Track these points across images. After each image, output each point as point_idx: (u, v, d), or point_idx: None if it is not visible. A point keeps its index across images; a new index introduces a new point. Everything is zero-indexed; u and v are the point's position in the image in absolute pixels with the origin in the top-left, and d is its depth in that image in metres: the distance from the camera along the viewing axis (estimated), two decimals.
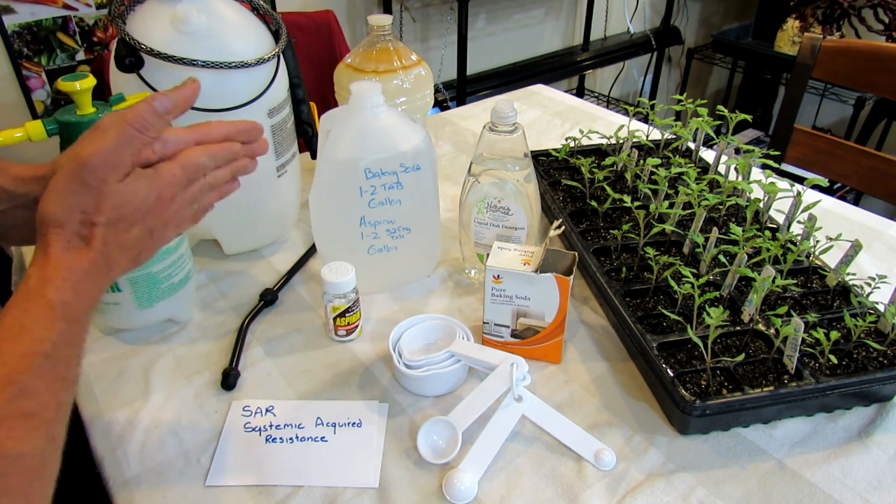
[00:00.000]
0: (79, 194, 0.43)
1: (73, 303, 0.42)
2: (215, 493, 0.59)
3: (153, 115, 0.46)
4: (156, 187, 0.46)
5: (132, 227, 0.46)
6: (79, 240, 0.43)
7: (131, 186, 0.45)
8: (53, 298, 0.41)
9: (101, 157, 0.43)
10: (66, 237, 0.43)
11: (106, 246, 0.44)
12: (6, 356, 0.39)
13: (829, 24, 2.31)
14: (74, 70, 1.63)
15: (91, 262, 0.44)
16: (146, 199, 0.46)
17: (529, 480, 0.60)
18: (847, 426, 0.65)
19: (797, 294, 0.74)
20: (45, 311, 0.41)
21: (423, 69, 0.99)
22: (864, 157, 1.32)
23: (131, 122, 0.45)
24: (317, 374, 0.72)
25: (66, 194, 0.43)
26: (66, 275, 0.42)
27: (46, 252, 0.43)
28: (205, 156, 0.50)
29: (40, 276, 0.42)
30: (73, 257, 0.43)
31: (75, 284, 0.43)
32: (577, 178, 0.93)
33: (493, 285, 0.68)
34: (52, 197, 0.43)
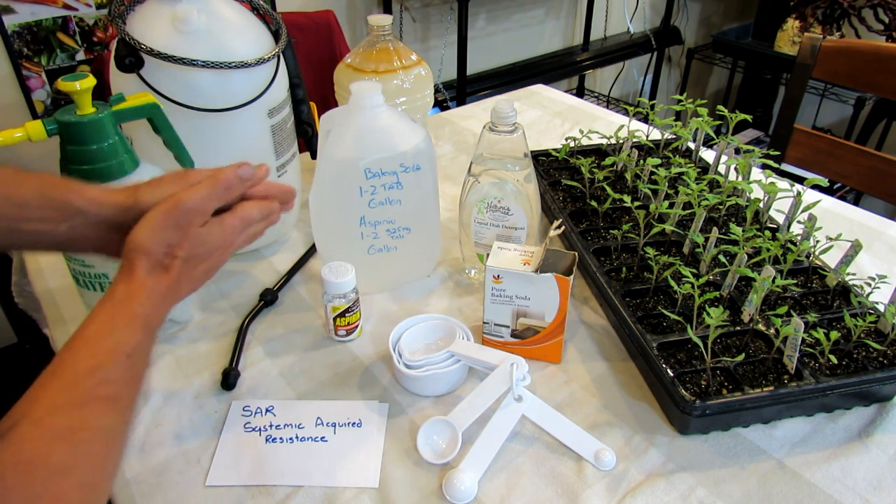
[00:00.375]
0: (168, 230, 0.52)
1: (151, 317, 0.50)
2: (215, 493, 0.59)
3: (238, 180, 0.56)
4: (222, 234, 0.56)
5: (200, 264, 0.55)
6: (161, 268, 0.52)
7: (207, 231, 0.54)
8: (137, 311, 0.49)
9: (193, 205, 0.53)
10: (151, 263, 0.51)
11: (179, 276, 0.53)
12: (97, 350, 0.46)
13: (829, 24, 2.31)
14: (74, 70, 1.63)
15: (167, 287, 0.52)
16: (215, 243, 0.55)
17: (529, 480, 0.60)
18: (847, 426, 0.65)
19: (797, 294, 0.74)
20: (130, 320, 0.49)
21: (423, 69, 0.99)
22: (864, 157, 1.32)
23: (221, 181, 0.55)
24: (317, 374, 0.72)
25: (159, 229, 0.52)
26: (149, 294, 0.51)
27: (132, 273, 0.51)
28: (256, 210, 0.59)
29: (127, 290, 0.50)
30: (155, 281, 0.51)
31: (155, 303, 0.51)
32: (577, 178, 0.93)
33: (493, 285, 0.69)
34: (146, 229, 0.51)
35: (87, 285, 0.73)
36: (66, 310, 0.81)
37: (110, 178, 0.68)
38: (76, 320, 0.79)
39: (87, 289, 0.74)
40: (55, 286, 0.85)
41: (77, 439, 0.43)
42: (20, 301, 0.94)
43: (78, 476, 0.42)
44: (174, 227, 0.52)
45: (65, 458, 0.41)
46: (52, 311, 0.82)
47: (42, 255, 0.91)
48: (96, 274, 0.72)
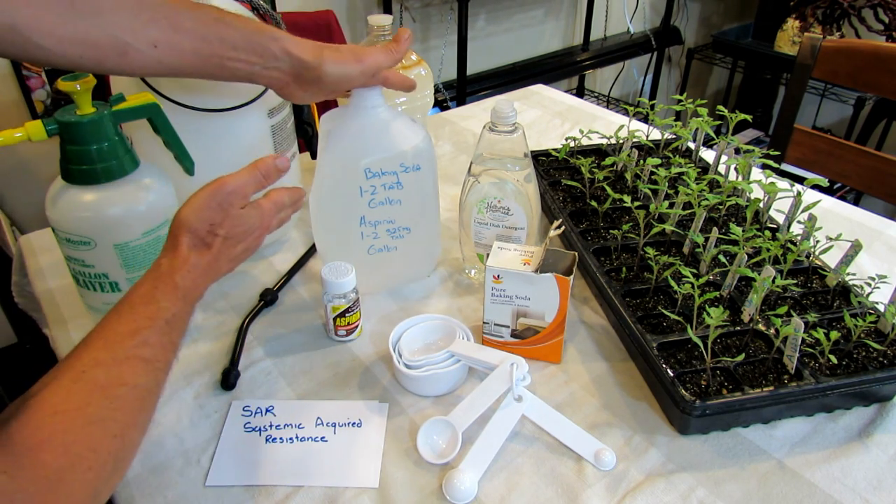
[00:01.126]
0: (211, 210, 0.56)
1: (190, 289, 0.55)
2: (215, 493, 0.59)
3: (274, 169, 0.61)
4: (259, 216, 0.61)
5: (238, 243, 0.60)
6: (203, 244, 0.56)
7: (246, 213, 0.59)
8: (179, 283, 0.54)
9: (235, 188, 0.58)
10: (194, 240, 0.56)
11: (219, 253, 0.57)
12: (138, 315, 0.51)
13: (829, 24, 2.31)
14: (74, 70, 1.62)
15: (208, 263, 0.56)
16: (253, 225, 0.60)
17: (529, 480, 0.60)
18: (847, 426, 0.65)
19: (797, 294, 0.74)
20: (172, 290, 0.53)
21: (423, 69, 0.99)
22: (864, 157, 1.32)
23: (260, 168, 0.60)
24: (317, 374, 0.72)
25: (203, 209, 0.56)
26: (191, 268, 0.55)
27: (177, 248, 0.55)
28: (286, 196, 0.64)
29: (171, 263, 0.54)
30: (197, 256, 0.56)
31: (195, 278, 0.55)
32: (577, 178, 0.93)
33: (493, 285, 0.69)
34: (192, 208, 0.56)
35: (87, 285, 0.73)
36: (66, 310, 0.81)
37: (110, 178, 0.68)
38: (76, 320, 0.79)
39: (87, 289, 0.74)
40: (55, 286, 0.86)
41: (114, 394, 0.46)
42: (20, 301, 0.94)
43: (111, 427, 0.45)
44: (217, 207, 0.56)
45: (100, 410, 0.45)
46: (52, 311, 0.82)
47: (42, 256, 0.91)
48: (96, 274, 0.72)
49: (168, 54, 0.60)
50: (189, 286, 0.54)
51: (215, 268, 0.58)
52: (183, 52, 0.60)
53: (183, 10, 0.60)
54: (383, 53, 0.69)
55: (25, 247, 0.94)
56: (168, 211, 0.73)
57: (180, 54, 0.60)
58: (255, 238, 0.62)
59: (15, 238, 1.56)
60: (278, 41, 0.64)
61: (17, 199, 1.69)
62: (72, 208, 0.68)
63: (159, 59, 0.59)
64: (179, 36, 0.60)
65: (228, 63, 0.62)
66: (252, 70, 0.64)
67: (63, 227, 0.69)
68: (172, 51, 0.60)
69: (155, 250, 0.72)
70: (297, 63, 0.65)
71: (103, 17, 0.56)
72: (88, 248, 0.69)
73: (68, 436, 0.42)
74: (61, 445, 0.42)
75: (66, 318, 0.80)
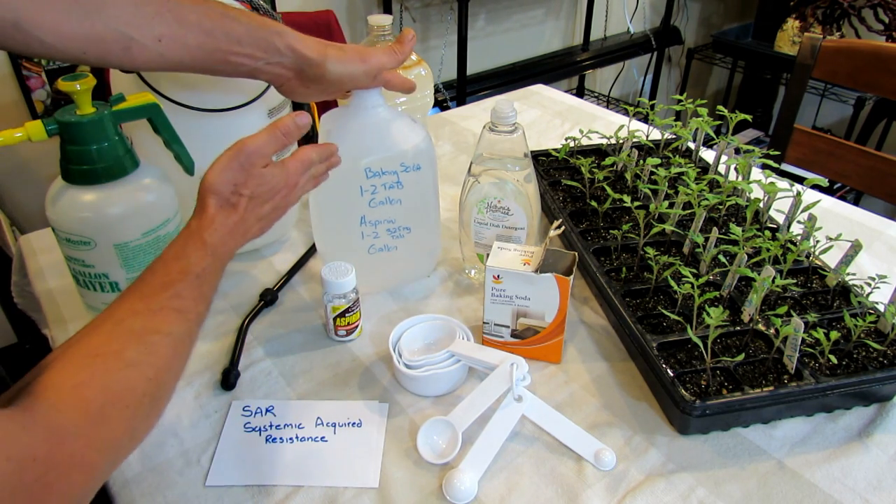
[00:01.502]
0: (233, 171, 0.57)
1: (219, 246, 0.56)
2: (215, 493, 0.59)
3: (294, 126, 0.60)
4: (284, 175, 0.61)
5: (266, 202, 0.60)
6: (229, 205, 0.58)
7: (269, 172, 0.59)
8: (207, 239, 0.55)
9: (255, 148, 0.58)
10: (219, 201, 0.57)
11: (246, 213, 0.59)
12: (170, 269, 0.53)
13: (829, 24, 2.31)
14: (74, 70, 1.62)
15: (235, 222, 0.58)
16: (278, 183, 0.60)
17: (529, 480, 0.60)
18: (847, 426, 0.65)
19: (797, 294, 0.74)
20: (201, 246, 0.55)
21: (423, 69, 0.99)
22: (864, 157, 1.32)
23: (280, 126, 0.59)
24: (317, 374, 0.72)
25: (226, 170, 0.57)
26: (218, 227, 0.56)
27: (204, 209, 0.57)
28: (314, 153, 0.64)
29: (199, 223, 0.56)
30: (224, 216, 0.57)
31: (222, 235, 0.57)
32: (577, 178, 0.93)
33: (493, 285, 0.68)
34: (215, 171, 0.57)
35: (87, 285, 0.73)
36: (66, 310, 0.81)
37: (110, 178, 0.68)
38: (76, 320, 0.79)
39: (87, 289, 0.74)
40: (55, 286, 0.86)
41: (149, 340, 0.49)
42: (20, 301, 0.95)
43: (146, 371, 0.48)
44: (238, 168, 0.57)
45: (136, 354, 0.47)
46: (52, 311, 0.82)
47: (42, 256, 0.91)
48: (96, 274, 0.72)
49: (172, 48, 0.59)
50: (217, 242, 0.56)
51: (243, 227, 0.59)
52: (187, 47, 0.60)
53: (187, 4, 0.60)
54: (387, 54, 0.69)
55: (25, 247, 0.94)
56: (168, 211, 0.73)
57: (184, 49, 0.60)
58: (282, 197, 0.62)
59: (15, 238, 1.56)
60: (283, 37, 0.64)
61: (17, 199, 1.69)
62: (72, 208, 0.68)
63: (163, 53, 0.59)
64: (184, 30, 0.60)
65: (232, 58, 0.62)
66: (255, 65, 0.64)
67: (63, 227, 0.69)
68: (176, 45, 0.60)
69: (155, 250, 0.72)
70: (300, 59, 0.65)
71: (107, 11, 0.56)
72: (88, 248, 0.69)
73: (108, 376, 0.45)
74: (101, 384, 0.45)
75: (66, 318, 0.80)
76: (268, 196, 0.60)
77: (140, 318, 0.50)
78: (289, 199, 0.63)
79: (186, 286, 0.53)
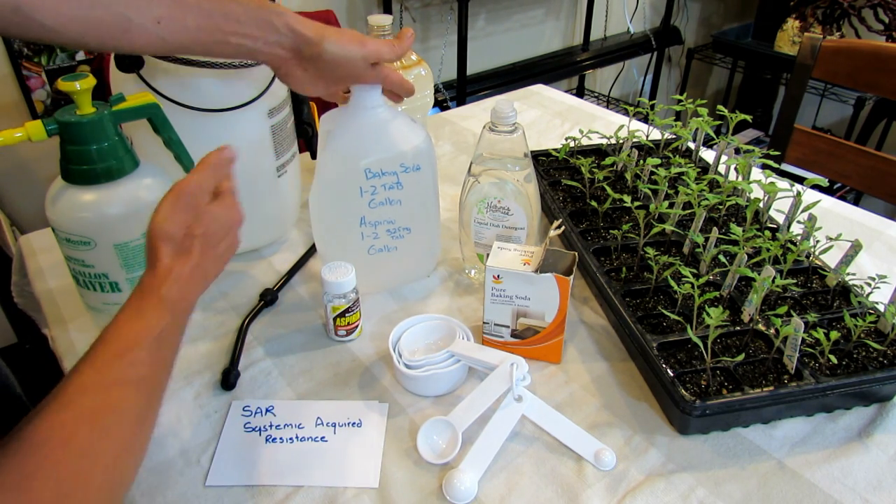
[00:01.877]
0: (182, 212, 0.54)
1: (178, 301, 0.52)
2: (215, 493, 0.59)
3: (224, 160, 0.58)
4: (230, 210, 0.58)
5: (220, 241, 0.57)
6: (182, 250, 0.53)
7: (217, 209, 0.57)
8: (165, 295, 0.51)
9: (195, 185, 0.55)
10: (173, 248, 0.53)
11: (203, 256, 0.54)
12: (125, 334, 0.48)
13: (829, 24, 2.31)
14: (74, 70, 1.63)
15: (192, 268, 0.53)
16: (228, 219, 0.58)
17: (529, 480, 0.60)
18: (847, 426, 0.65)
19: (797, 294, 0.74)
20: (158, 304, 0.50)
21: (423, 69, 0.99)
22: (864, 157, 1.32)
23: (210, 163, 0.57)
24: (317, 374, 0.72)
25: (174, 213, 0.53)
26: (175, 278, 0.52)
27: (157, 260, 0.52)
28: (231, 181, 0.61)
29: (153, 278, 0.52)
30: (181, 264, 0.53)
31: (182, 286, 0.52)
32: (577, 178, 0.93)
33: (493, 285, 0.68)
34: (163, 215, 0.53)
35: (87, 285, 0.73)
36: (66, 310, 0.81)
37: (110, 178, 0.68)
38: (76, 320, 0.79)
39: (87, 289, 0.74)
40: (55, 286, 0.86)
41: (103, 422, 0.44)
42: (20, 301, 0.94)
43: (103, 458, 0.43)
44: (185, 208, 0.54)
45: (90, 440, 0.43)
46: (52, 311, 0.82)
47: (42, 256, 0.91)
48: (96, 274, 0.72)
49: (172, 31, 0.59)
50: (175, 297, 0.51)
51: (202, 272, 0.55)
52: (186, 28, 0.60)
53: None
54: (386, 45, 0.69)
55: (25, 247, 0.94)
56: None
57: (184, 30, 0.60)
58: (233, 234, 0.59)
59: (15, 238, 1.56)
60: (282, 16, 0.64)
61: (17, 199, 1.69)
62: (72, 208, 0.68)
63: (163, 36, 0.59)
64: (183, 12, 0.59)
65: (232, 38, 0.62)
66: (255, 46, 0.64)
67: (63, 227, 0.69)
68: (176, 27, 0.59)
69: None
70: (298, 39, 0.65)
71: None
72: (88, 248, 0.69)
73: (59, 469, 0.41)
74: (52, 478, 0.40)
75: (66, 318, 0.80)
76: (221, 233, 0.57)
77: (91, 396, 0.44)
78: (238, 236, 0.60)
79: (143, 352, 0.48)
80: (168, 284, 0.51)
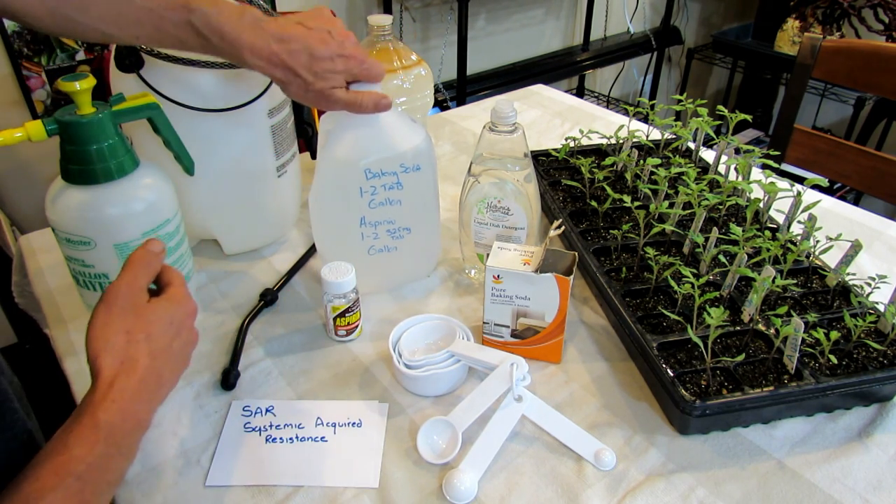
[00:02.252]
0: (119, 316, 0.49)
1: (118, 425, 0.45)
2: (215, 493, 0.59)
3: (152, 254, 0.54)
4: (175, 303, 0.53)
5: (172, 338, 0.52)
6: (127, 360, 0.47)
7: (158, 304, 0.52)
8: (101, 419, 0.44)
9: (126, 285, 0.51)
10: (115, 358, 0.47)
11: (154, 360, 0.49)
12: (41, 472, 0.41)
13: (829, 24, 2.31)
14: (74, 70, 1.63)
15: (140, 379, 0.47)
16: (175, 313, 0.52)
17: (529, 480, 0.60)
18: (847, 426, 0.65)
19: (797, 294, 0.74)
20: (90, 432, 0.44)
21: (423, 69, 0.99)
22: (864, 157, 1.32)
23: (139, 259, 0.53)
24: (317, 374, 0.72)
25: (109, 319, 0.49)
26: (116, 396, 0.45)
27: (97, 375, 0.46)
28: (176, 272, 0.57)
29: (91, 398, 0.45)
30: (125, 377, 0.47)
31: (123, 406, 0.46)
32: (577, 178, 0.93)
33: (493, 285, 0.68)
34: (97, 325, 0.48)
35: (87, 285, 0.73)
36: (66, 310, 0.81)
37: (110, 178, 0.68)
38: (76, 320, 0.79)
39: (87, 289, 0.74)
40: (55, 286, 0.86)
41: None
42: (20, 301, 0.94)
43: None
44: (121, 311, 0.49)
45: None
46: (52, 311, 0.82)
47: (42, 256, 0.91)
48: (96, 274, 0.72)
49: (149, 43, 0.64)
50: (115, 419, 0.44)
51: (154, 380, 0.49)
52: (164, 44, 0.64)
53: None
54: None
55: (25, 247, 0.94)
56: (168, 211, 0.73)
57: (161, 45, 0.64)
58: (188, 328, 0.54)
59: (15, 238, 1.56)
60: None
61: (17, 199, 1.69)
62: (72, 208, 0.68)
63: None
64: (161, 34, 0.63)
65: None
66: None
67: (63, 227, 0.69)
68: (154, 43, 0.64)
69: None
70: None
71: None
72: (88, 248, 0.69)
73: None
74: None
75: (66, 318, 0.80)
76: (170, 331, 0.51)
77: None
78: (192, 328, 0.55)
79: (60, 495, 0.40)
80: (106, 405, 0.45)
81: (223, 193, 0.83)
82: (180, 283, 0.55)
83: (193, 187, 0.80)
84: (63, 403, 0.64)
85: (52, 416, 0.55)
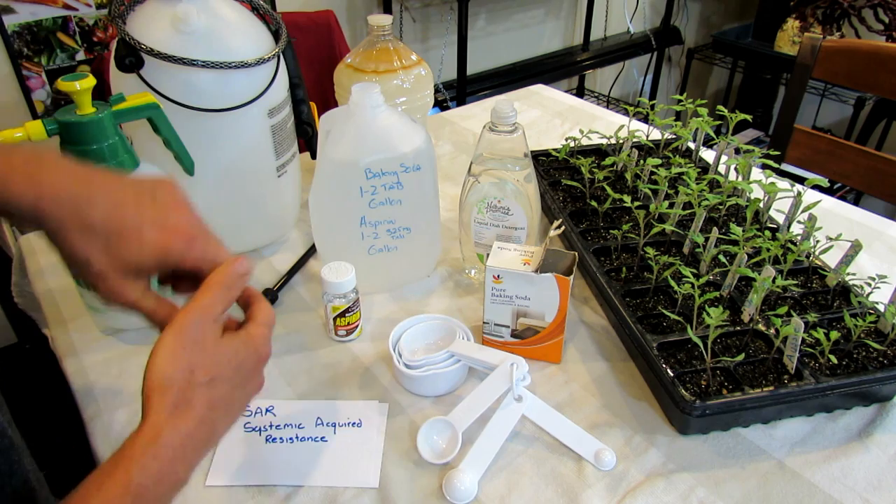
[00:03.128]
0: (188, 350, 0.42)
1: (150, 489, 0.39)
2: (215, 493, 0.59)
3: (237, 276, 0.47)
4: (251, 346, 0.46)
5: (236, 389, 0.45)
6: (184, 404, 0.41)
7: (231, 344, 0.45)
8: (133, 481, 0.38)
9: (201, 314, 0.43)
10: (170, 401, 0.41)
11: (210, 410, 0.42)
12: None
13: (829, 24, 2.31)
14: (74, 70, 1.63)
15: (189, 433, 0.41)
16: (246, 360, 0.46)
17: (529, 480, 0.60)
18: (847, 426, 0.65)
19: (797, 294, 0.74)
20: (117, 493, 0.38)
21: (423, 69, 0.99)
22: (864, 157, 1.32)
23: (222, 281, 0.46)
24: (317, 374, 0.72)
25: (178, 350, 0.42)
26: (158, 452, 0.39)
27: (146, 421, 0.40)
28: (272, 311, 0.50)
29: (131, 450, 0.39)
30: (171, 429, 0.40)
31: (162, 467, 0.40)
32: (577, 178, 0.93)
33: (493, 285, 0.68)
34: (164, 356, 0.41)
35: (88, 285, 0.73)
36: (66, 310, 0.81)
37: None
38: (76, 320, 0.79)
39: (87, 289, 0.74)
40: (55, 286, 0.85)
41: None
42: (20, 301, 0.94)
43: None
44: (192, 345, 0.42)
45: None
46: (52, 311, 0.82)
47: (42, 256, 0.91)
48: None
49: None
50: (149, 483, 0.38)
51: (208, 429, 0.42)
52: None
53: None
54: None
55: (25, 247, 0.94)
56: None
57: None
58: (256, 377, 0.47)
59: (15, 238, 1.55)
60: None
61: None
62: None
63: None
64: None
65: None
66: None
67: None
68: None
69: None
70: None
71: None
72: None
73: None
74: None
75: (66, 318, 0.80)
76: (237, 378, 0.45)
77: None
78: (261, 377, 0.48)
79: None
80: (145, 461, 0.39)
81: (223, 193, 0.83)
82: (264, 320, 0.48)
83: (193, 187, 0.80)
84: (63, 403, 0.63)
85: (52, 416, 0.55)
